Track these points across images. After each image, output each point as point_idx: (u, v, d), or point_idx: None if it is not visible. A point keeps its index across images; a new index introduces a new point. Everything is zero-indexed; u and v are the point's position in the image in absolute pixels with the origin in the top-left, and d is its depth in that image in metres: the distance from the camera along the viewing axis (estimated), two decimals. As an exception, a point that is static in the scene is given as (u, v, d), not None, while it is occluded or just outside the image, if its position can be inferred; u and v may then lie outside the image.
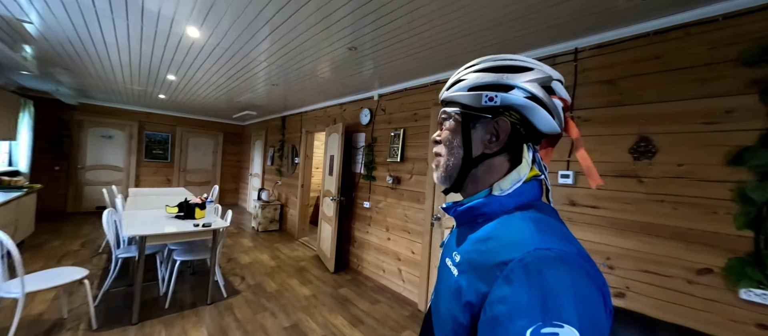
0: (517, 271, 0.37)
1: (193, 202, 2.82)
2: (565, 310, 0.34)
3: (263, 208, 5.23)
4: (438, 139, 0.55)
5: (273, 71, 3.05)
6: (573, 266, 0.37)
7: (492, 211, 0.49)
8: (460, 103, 0.52)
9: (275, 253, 4.14)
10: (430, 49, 2.25)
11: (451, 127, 0.53)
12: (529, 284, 0.36)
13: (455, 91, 0.52)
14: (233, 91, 4.15)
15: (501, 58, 0.51)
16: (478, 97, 0.49)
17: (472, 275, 0.43)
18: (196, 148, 7.20)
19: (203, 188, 7.31)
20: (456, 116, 0.52)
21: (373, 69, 2.85)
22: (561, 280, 0.36)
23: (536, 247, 0.38)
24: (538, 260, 0.37)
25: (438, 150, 0.55)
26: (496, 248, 0.42)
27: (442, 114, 0.55)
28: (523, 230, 0.42)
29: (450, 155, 0.53)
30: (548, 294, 0.35)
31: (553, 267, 0.37)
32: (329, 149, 4.00)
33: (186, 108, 5.99)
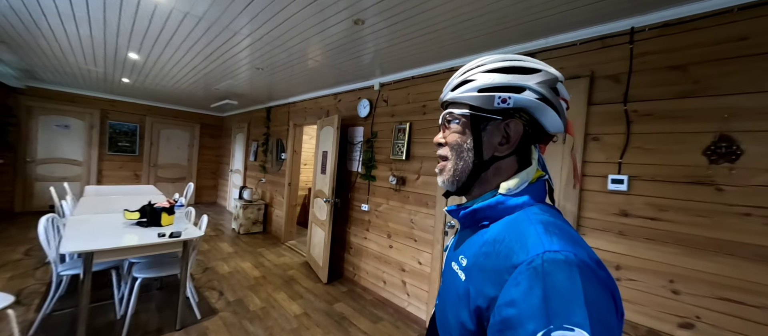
0: (526, 273, 0.37)
1: (159, 206, 2.34)
2: (575, 313, 0.34)
3: (245, 209, 4.73)
4: (442, 142, 0.54)
5: (257, 51, 2.59)
6: (583, 269, 0.37)
7: (498, 213, 0.48)
8: (469, 105, 0.50)
9: (259, 260, 3.69)
10: (446, 28, 1.88)
11: (460, 129, 0.52)
12: (538, 287, 0.36)
13: (463, 92, 0.50)
14: (211, 77, 3.62)
15: (509, 59, 0.50)
16: (490, 98, 0.48)
17: (481, 279, 0.43)
18: (168, 140, 6.53)
19: (177, 186, 6.66)
20: (464, 118, 0.51)
21: (373, 53, 2.45)
22: (571, 283, 0.35)
23: (546, 250, 0.38)
24: (548, 263, 0.37)
25: (443, 153, 0.54)
26: (505, 251, 0.42)
27: (447, 116, 0.53)
28: (532, 233, 0.41)
29: (459, 159, 0.51)
30: (558, 297, 0.35)
31: (562, 270, 0.36)
32: (322, 144, 3.57)
33: (156, 95, 5.35)
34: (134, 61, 3.24)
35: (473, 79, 0.50)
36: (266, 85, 3.90)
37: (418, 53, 2.36)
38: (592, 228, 1.66)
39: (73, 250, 1.68)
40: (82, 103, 5.46)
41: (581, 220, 1.69)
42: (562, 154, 1.76)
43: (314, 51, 2.50)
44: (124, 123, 5.92)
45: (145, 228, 2.24)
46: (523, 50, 1.98)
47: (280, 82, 3.60)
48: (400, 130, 2.79)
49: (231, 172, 6.46)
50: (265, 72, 3.20)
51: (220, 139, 7.25)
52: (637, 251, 1.52)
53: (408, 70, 2.76)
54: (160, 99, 5.73)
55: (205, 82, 3.94)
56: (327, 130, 3.42)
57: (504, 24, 1.79)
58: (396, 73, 2.87)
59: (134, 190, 4.09)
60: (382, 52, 2.44)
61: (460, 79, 0.52)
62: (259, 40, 2.34)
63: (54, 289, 2.12)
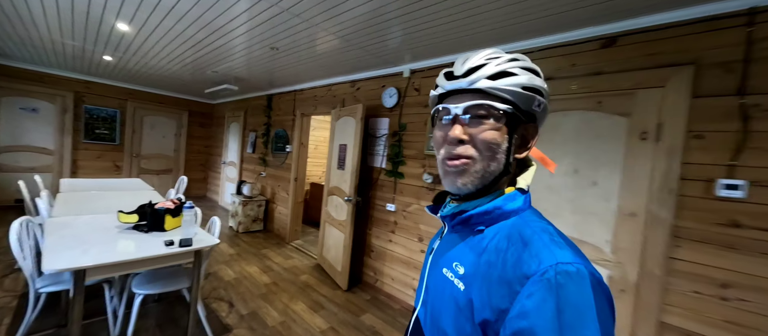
0: (539, 285, 0.36)
1: (161, 206, 1.96)
2: (587, 326, 0.34)
3: (245, 205, 4.32)
4: (464, 139, 0.46)
5: (268, 29, 2.21)
6: (593, 281, 0.37)
7: (495, 218, 0.47)
8: (510, 102, 0.45)
9: (266, 264, 3.34)
10: (500, 7, 1.59)
11: (498, 126, 0.46)
12: (552, 300, 0.35)
13: (508, 85, 0.45)
14: (210, 57, 3.18)
15: (530, 61, 0.48)
16: (531, 99, 0.46)
17: (486, 289, 0.41)
18: (153, 128, 5.95)
19: (163, 178, 6.11)
20: (505, 115, 0.46)
21: (403, 35, 2.15)
22: (583, 296, 0.35)
23: (558, 261, 0.37)
24: (561, 275, 0.36)
25: (465, 152, 0.46)
26: (513, 261, 0.40)
27: (479, 107, 0.45)
28: (540, 242, 0.40)
29: (492, 160, 0.46)
30: (571, 310, 0.35)
31: (575, 282, 0.36)
32: (338, 137, 3.24)
33: (139, 78, 4.79)
34: (123, 34, 2.76)
35: (515, 73, 0.46)
36: (268, 70, 3.50)
37: (461, 36, 2.07)
38: (689, 238, 1.45)
39: (59, 267, 1.30)
40: (52, 83, 4.81)
41: (675, 230, 1.48)
42: (653, 157, 1.53)
43: (331, 29, 2.16)
44: (102, 108, 5.30)
45: (146, 233, 1.86)
46: (604, 32, 1.73)
47: (286, 66, 3.21)
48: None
49: (224, 164, 5.97)
50: (274, 53, 2.81)
51: (211, 128, 6.71)
52: (750, 267, 1.32)
53: (445, 56, 2.47)
54: (144, 82, 5.15)
55: (202, 63, 3.49)
56: (346, 121, 3.09)
57: (576, 3, 1.53)
58: (431, 58, 2.56)
59: (118, 184, 3.60)
60: (415, 35, 2.14)
61: (498, 68, 0.46)
62: (265, 11, 1.97)
63: (31, 306, 1.72)
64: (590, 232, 1.71)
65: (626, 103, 1.62)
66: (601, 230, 1.68)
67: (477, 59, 0.47)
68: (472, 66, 0.47)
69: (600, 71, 1.73)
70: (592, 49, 1.77)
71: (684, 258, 1.46)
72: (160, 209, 1.92)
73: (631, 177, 1.59)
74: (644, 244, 1.54)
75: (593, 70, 1.76)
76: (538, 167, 0.54)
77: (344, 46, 2.48)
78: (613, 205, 1.65)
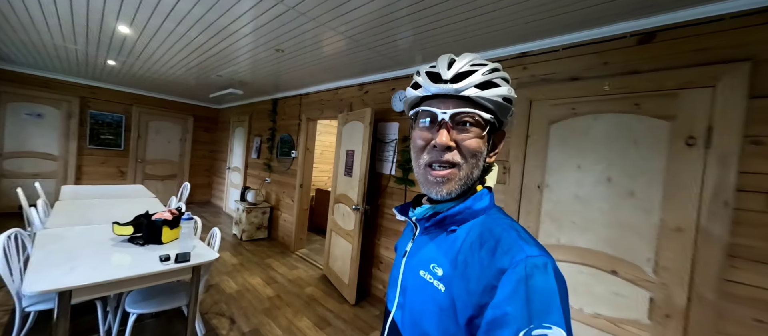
0: (512, 278, 0.39)
1: (159, 218, 1.83)
2: (552, 312, 0.37)
3: (249, 212, 4.20)
4: (452, 146, 0.47)
5: (273, 30, 2.09)
6: (555, 272, 0.40)
7: (466, 217, 0.49)
8: (491, 110, 0.48)
9: (270, 274, 3.19)
10: (515, 3, 1.44)
11: (480, 134, 0.47)
12: (522, 290, 0.38)
13: (492, 95, 0.46)
14: (214, 61, 3.08)
15: (502, 70, 0.50)
16: (507, 109, 0.49)
17: (467, 288, 0.43)
18: (158, 133, 5.90)
19: (167, 184, 6.04)
20: (486, 124, 0.48)
21: (414, 35, 2.02)
22: (549, 286, 0.38)
23: (527, 255, 0.40)
24: (530, 267, 0.39)
25: (452, 158, 0.47)
26: (489, 258, 0.43)
27: (467, 115, 0.47)
28: (510, 238, 0.43)
29: (474, 167, 0.48)
30: (538, 298, 0.37)
31: (541, 273, 0.39)
32: (345, 142, 3.10)
33: (144, 83, 4.73)
34: (125, 37, 2.68)
35: (498, 85, 0.47)
36: (274, 73, 3.39)
37: (478, 34, 1.93)
38: (749, 258, 1.27)
39: (40, 289, 1.18)
40: (58, 89, 4.78)
41: (732, 248, 1.30)
42: (703, 165, 1.36)
43: (339, 29, 2.03)
44: (107, 113, 5.26)
45: (142, 247, 1.74)
46: (641, 28, 1.57)
47: (291, 69, 3.10)
48: (450, 126, 2.34)
49: (228, 169, 5.89)
50: (279, 55, 2.70)
51: (216, 133, 6.64)
52: (826, 294, 1.14)
53: (460, 56, 2.32)
54: (148, 87, 5.10)
55: (206, 67, 3.40)
56: (353, 126, 2.96)
57: None
58: (444, 59, 2.42)
59: (120, 190, 3.51)
60: (426, 34, 2.00)
61: (486, 78, 0.47)
62: (270, 10, 1.85)
63: (18, 326, 1.60)
64: (628, 248, 1.54)
65: (668, 104, 1.45)
66: (640, 247, 1.50)
67: (463, 65, 0.47)
68: (460, 71, 0.47)
69: (636, 70, 1.57)
70: (628, 46, 1.61)
71: (742, 281, 1.28)
72: (156, 220, 1.80)
73: (676, 187, 1.42)
74: (694, 263, 1.36)
75: (628, 69, 1.59)
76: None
77: (352, 48, 2.35)
78: (654, 218, 1.47)
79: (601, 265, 1.61)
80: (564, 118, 1.78)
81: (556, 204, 1.79)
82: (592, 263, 1.64)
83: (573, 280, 1.70)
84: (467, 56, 0.48)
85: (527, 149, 1.91)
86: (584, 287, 1.66)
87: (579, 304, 1.67)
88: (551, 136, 1.83)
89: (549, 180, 1.82)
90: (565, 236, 1.75)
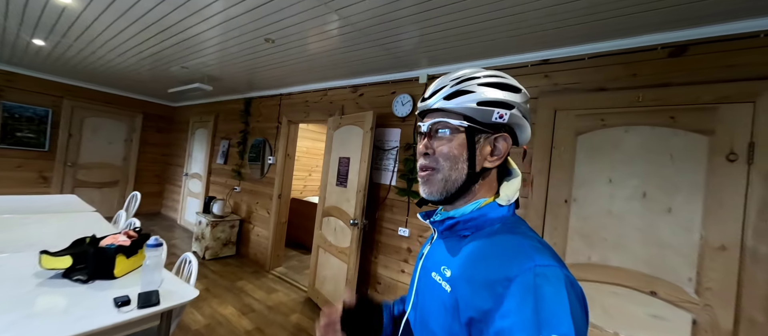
0: (520, 286, 0.39)
1: (111, 243, 1.38)
2: (562, 323, 0.36)
3: (214, 226, 3.64)
4: (428, 152, 0.53)
5: (268, 13, 1.76)
6: (566, 282, 0.39)
7: (480, 225, 0.50)
8: (466, 116, 0.51)
9: (245, 301, 2.73)
10: (545, 6, 1.35)
11: (455, 140, 0.51)
12: (531, 299, 0.38)
13: (461, 103, 0.50)
14: (179, 49, 2.60)
15: (498, 76, 0.52)
16: (489, 113, 0.50)
17: (470, 291, 0.44)
18: (96, 132, 4.99)
19: (107, 193, 5.12)
20: (461, 130, 0.51)
21: (421, 36, 1.87)
22: (558, 296, 0.38)
23: (536, 264, 0.40)
24: (539, 277, 0.39)
25: (429, 163, 0.53)
26: (496, 264, 0.43)
27: (437, 124, 0.52)
28: (521, 247, 0.44)
29: (452, 170, 0.51)
30: (547, 308, 0.37)
31: (551, 283, 0.39)
32: (337, 149, 2.80)
33: (84, 72, 3.95)
34: (63, 9, 2.12)
35: (471, 91, 0.50)
36: (251, 69, 2.99)
37: (491, 39, 1.82)
38: (793, 278, 1.25)
39: None
40: (-43, 72, 3.79)
41: (777, 267, 1.27)
42: (746, 181, 1.33)
43: (348, 19, 1.78)
44: (27, 106, 4.30)
45: (85, 284, 1.28)
46: (672, 40, 1.54)
47: (276, 65, 2.74)
48: (461, 135, 2.18)
49: (186, 176, 5.16)
50: (269, 47, 2.33)
51: (171, 134, 5.84)
52: None
53: (470, 61, 2.19)
54: (87, 77, 4.29)
55: (167, 56, 2.88)
56: (349, 131, 2.67)
57: (640, 6, 1.33)
58: (453, 63, 2.27)
59: (44, 202, 2.77)
60: (433, 35, 1.86)
61: (455, 88, 0.51)
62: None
63: None
64: (666, 267, 1.47)
65: (705, 118, 1.42)
66: (680, 266, 1.44)
67: (442, 82, 0.53)
68: (437, 88, 0.53)
69: (669, 82, 1.53)
70: (658, 58, 1.58)
71: None
72: (108, 248, 1.34)
73: (718, 204, 1.37)
74: (740, 283, 1.31)
75: (660, 81, 1.55)
76: None
77: (357, 41, 2.09)
78: (694, 236, 1.42)
79: (638, 286, 1.52)
80: (592, 129, 1.70)
81: (585, 220, 1.69)
82: (627, 283, 1.55)
83: (606, 302, 1.59)
84: (459, 72, 0.53)
85: (552, 161, 1.81)
86: (619, 309, 1.56)
87: (614, 328, 1.57)
88: (578, 147, 1.74)
89: (576, 194, 1.72)
90: (596, 254, 1.64)
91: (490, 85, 0.50)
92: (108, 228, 2.14)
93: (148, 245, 1.29)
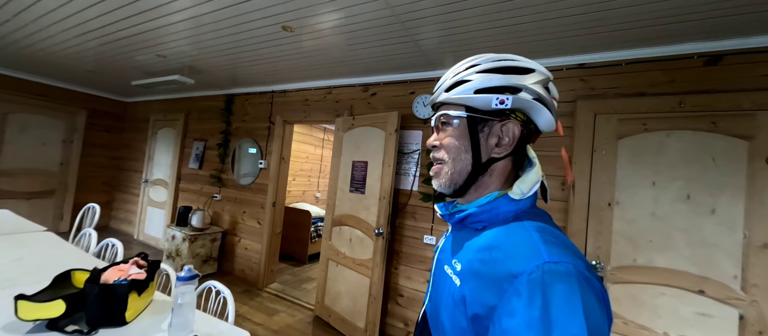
0: (527, 284, 0.37)
1: (122, 278, 1.04)
2: (574, 324, 0.34)
3: (193, 241, 3.16)
4: (436, 145, 0.53)
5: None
6: (580, 280, 0.37)
7: (493, 217, 0.48)
8: (465, 106, 0.50)
9: (244, 327, 2.35)
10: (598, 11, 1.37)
11: (456, 131, 0.51)
12: (539, 298, 0.36)
13: (459, 93, 0.50)
14: (161, 33, 2.18)
15: (503, 59, 0.50)
16: (488, 99, 0.48)
17: (477, 285, 0.43)
18: (24, 132, 4.09)
19: (37, 205, 4.22)
20: (461, 120, 0.50)
21: (439, 37, 1.81)
22: (570, 295, 0.35)
23: (545, 261, 0.38)
24: (548, 274, 0.37)
25: (438, 156, 0.53)
26: (503, 259, 0.42)
27: (442, 117, 0.53)
28: (530, 241, 0.41)
29: (456, 162, 0.51)
30: (558, 308, 0.35)
31: (562, 281, 0.36)
32: (349, 152, 2.57)
33: (10, 57, 3.18)
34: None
35: (469, 80, 0.49)
36: (232, 63, 2.66)
37: (519, 41, 1.80)
38: (827, 271, 1.37)
39: None
40: None
41: (814, 262, 1.38)
42: (786, 180, 1.43)
43: (368, 12, 1.63)
44: (-74, 96, 3.35)
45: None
46: (707, 49, 1.62)
47: (283, 57, 2.45)
48: (493, 137, 2.12)
49: (145, 183, 4.45)
50: (285, 37, 2.05)
51: (123, 134, 5.02)
52: None
53: (501, 62, 2.14)
54: (14, 64, 3.48)
55: (138, 42, 2.41)
56: (364, 133, 2.47)
57: (676, 17, 1.39)
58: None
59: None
60: (458, 36, 1.82)
61: (455, 79, 0.51)
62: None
63: None
64: (713, 266, 1.53)
65: (746, 124, 1.52)
66: (726, 264, 1.51)
67: (448, 73, 0.53)
68: (442, 81, 0.53)
69: (709, 89, 1.61)
70: (694, 67, 1.66)
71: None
72: (118, 284, 1.01)
73: (760, 204, 1.47)
74: (784, 278, 1.41)
75: (699, 88, 1.63)
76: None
77: (360, 42, 1.93)
78: (738, 235, 1.50)
79: (686, 285, 1.57)
80: (633, 133, 1.74)
81: (630, 223, 1.71)
82: (675, 284, 1.59)
83: (655, 303, 1.62)
84: (460, 64, 0.52)
85: (593, 164, 1.81)
86: (668, 309, 1.60)
87: (663, 328, 1.60)
88: (620, 151, 1.76)
89: (620, 197, 1.74)
90: (642, 257, 1.67)
91: (490, 71, 0.48)
92: (74, 252, 1.68)
93: (180, 278, 0.99)
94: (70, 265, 1.24)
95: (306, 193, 5.21)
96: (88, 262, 1.52)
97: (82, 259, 1.56)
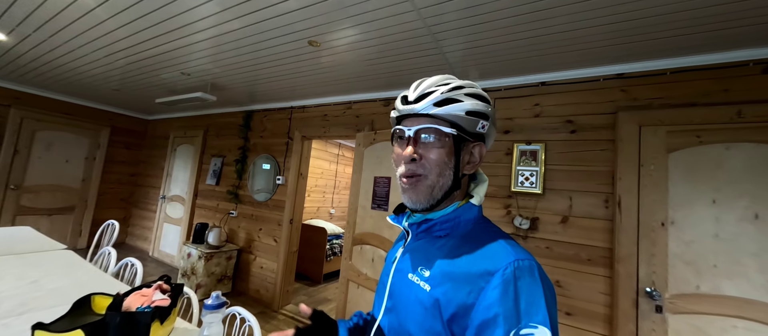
0: (501, 280, 0.42)
1: (145, 306, 0.96)
2: (539, 313, 0.40)
3: (209, 259, 3.08)
4: (415, 158, 0.52)
5: (320, 13, 1.50)
6: (542, 275, 0.44)
7: (456, 225, 0.53)
8: (454, 124, 0.52)
9: (261, 354, 2.22)
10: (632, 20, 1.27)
11: (445, 148, 0.52)
12: (511, 291, 0.41)
13: (452, 111, 0.51)
14: (185, 52, 2.19)
15: (476, 87, 0.54)
16: (474, 122, 0.52)
17: (451, 287, 0.45)
18: (50, 149, 4.18)
19: (57, 221, 4.26)
20: (449, 137, 0.52)
21: (466, 49, 1.70)
22: (535, 288, 0.42)
23: (515, 258, 0.44)
24: (518, 270, 0.43)
25: (416, 169, 0.53)
26: (476, 260, 0.46)
27: (425, 130, 0.52)
28: (499, 243, 0.47)
29: (441, 176, 0.52)
30: (526, 299, 0.41)
31: (529, 276, 0.43)
32: (370, 167, 2.49)
33: (40, 77, 3.29)
34: (46, -10, 1.66)
35: (460, 100, 0.51)
36: (252, 80, 2.67)
37: (550, 52, 1.72)
38: None
39: None
40: None
41: None
42: None
43: (371, 33, 1.57)
44: (-39, 115, 3.48)
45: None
46: (761, 57, 1.51)
47: (305, 73, 2.43)
48: (525, 152, 2.01)
49: (163, 199, 4.46)
50: (309, 52, 2.03)
51: (142, 151, 5.10)
52: None
53: (530, 75, 2.06)
54: (43, 84, 3.60)
55: (164, 60, 2.44)
56: (386, 147, 2.39)
57: (728, 22, 1.28)
58: (507, 77, 2.13)
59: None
60: (484, 48, 1.76)
61: (445, 96, 0.51)
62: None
63: None
64: (794, 296, 1.34)
65: (819, 136, 1.37)
66: (810, 293, 1.32)
67: (427, 86, 0.53)
68: (423, 92, 0.52)
69: (766, 99, 1.48)
70: (751, 74, 1.54)
71: None
72: (142, 312, 0.92)
73: None
74: None
75: (759, 97, 1.50)
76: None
77: (386, 54, 1.89)
78: (821, 260, 1.32)
79: (762, 318, 1.38)
80: (686, 146, 1.60)
81: (688, 245, 1.54)
82: (749, 316, 1.40)
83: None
84: (435, 77, 0.54)
85: (641, 180, 1.67)
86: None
87: (738, 367, 1.40)
88: (671, 165, 1.62)
89: (675, 216, 1.59)
90: (706, 284, 1.50)
91: (473, 96, 0.52)
92: (94, 272, 1.62)
93: (208, 306, 0.89)
94: (89, 287, 1.17)
95: (320, 209, 5.13)
96: (107, 284, 1.45)
97: (101, 280, 1.49)
